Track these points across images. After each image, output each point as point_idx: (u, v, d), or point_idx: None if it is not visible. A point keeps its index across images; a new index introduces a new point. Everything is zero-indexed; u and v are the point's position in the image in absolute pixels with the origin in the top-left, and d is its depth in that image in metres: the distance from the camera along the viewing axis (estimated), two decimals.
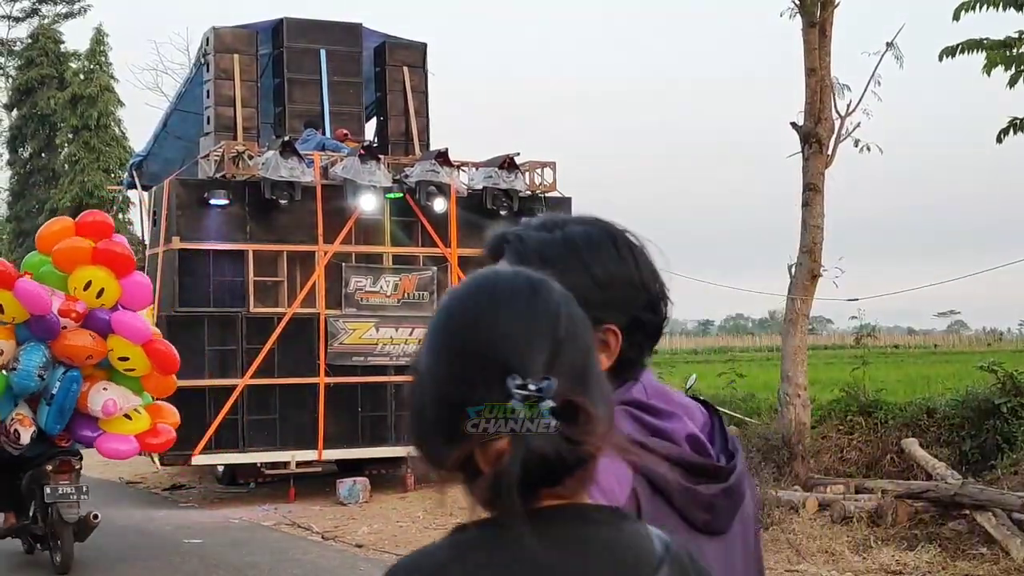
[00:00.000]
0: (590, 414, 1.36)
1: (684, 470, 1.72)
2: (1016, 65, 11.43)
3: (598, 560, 1.36)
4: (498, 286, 1.44)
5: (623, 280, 1.81)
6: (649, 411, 1.77)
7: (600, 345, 1.70)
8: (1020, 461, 12.53)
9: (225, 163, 15.15)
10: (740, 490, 1.83)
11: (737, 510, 1.84)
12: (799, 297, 15.04)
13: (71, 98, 44.83)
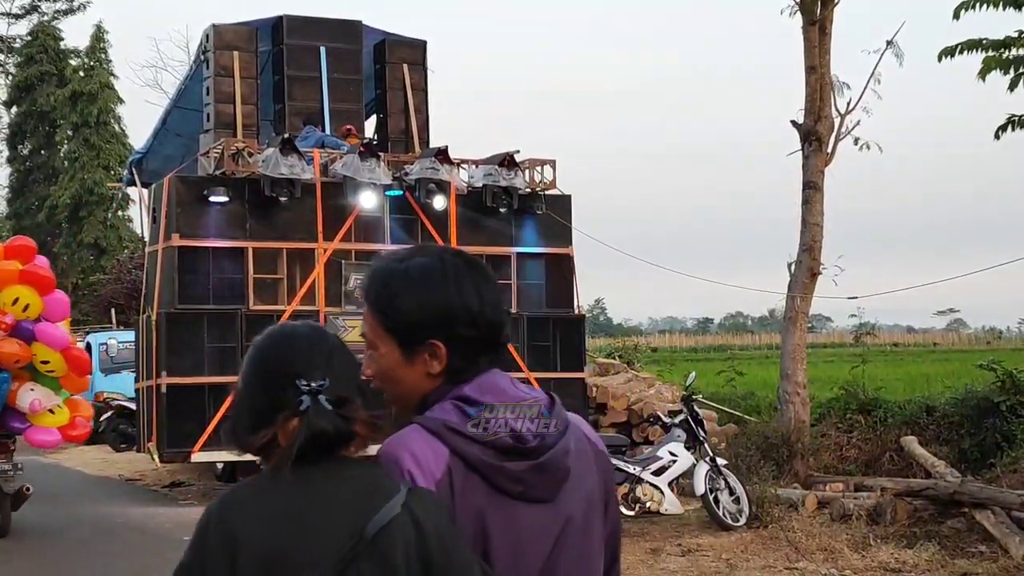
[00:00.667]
0: (354, 403, 2.15)
1: (495, 450, 2.18)
2: (1014, 68, 11.43)
3: (344, 486, 2.12)
4: (289, 331, 2.25)
5: (444, 304, 2.23)
6: (472, 403, 2.22)
7: (427, 356, 2.24)
8: (1019, 459, 12.55)
9: (225, 160, 15.14)
10: (559, 467, 2.23)
11: (558, 484, 2.23)
12: (799, 295, 15.05)
13: (71, 95, 44.84)
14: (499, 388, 2.30)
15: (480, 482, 2.17)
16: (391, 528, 2.05)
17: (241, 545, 2.08)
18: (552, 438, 2.26)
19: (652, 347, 38.62)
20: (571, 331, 16.91)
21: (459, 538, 2.11)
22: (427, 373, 2.26)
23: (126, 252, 39.25)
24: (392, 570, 2.04)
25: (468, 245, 16.22)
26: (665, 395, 17.40)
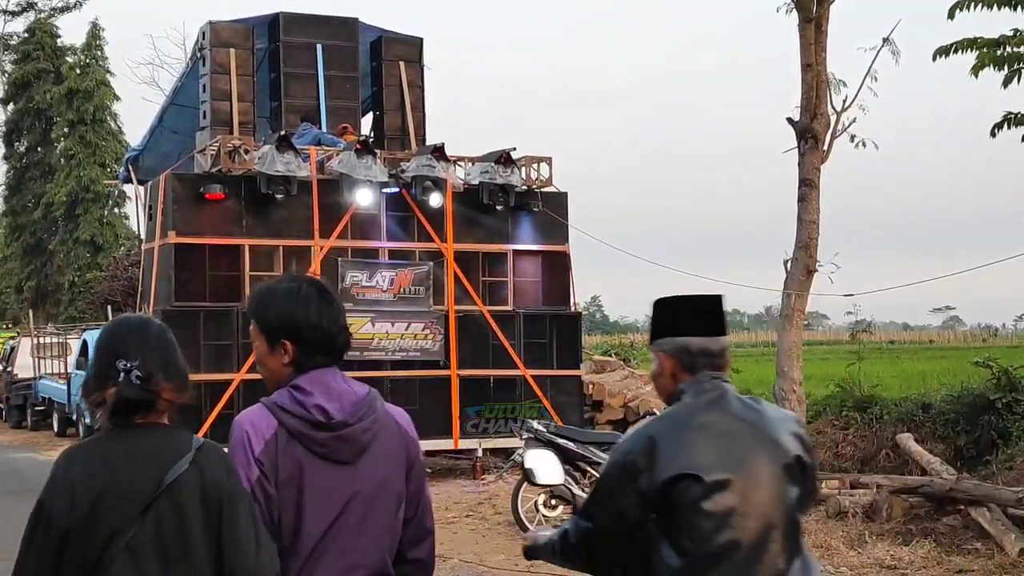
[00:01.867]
0: (156, 378, 2.97)
1: (308, 423, 3.10)
2: (1008, 65, 11.45)
3: (151, 443, 2.96)
4: (122, 321, 3.10)
5: (292, 315, 3.20)
6: (300, 391, 3.15)
7: (281, 351, 3.20)
8: (1015, 456, 12.56)
9: (221, 157, 15.14)
10: (358, 440, 3.14)
11: (357, 452, 3.14)
12: (795, 293, 15.05)
13: (67, 92, 44.79)
14: (325, 382, 3.19)
15: (298, 444, 3.11)
16: (182, 478, 2.90)
17: (77, 487, 2.80)
18: (355, 419, 3.16)
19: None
20: (567, 328, 16.93)
21: (235, 482, 2.98)
22: (282, 363, 3.21)
23: (122, 249, 39.24)
24: (183, 510, 2.87)
25: (464, 242, 16.25)
26: None
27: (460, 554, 10.91)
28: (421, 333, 15.92)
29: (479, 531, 12.15)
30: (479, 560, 10.65)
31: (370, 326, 15.63)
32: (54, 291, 45.98)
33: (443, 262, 16.17)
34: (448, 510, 13.49)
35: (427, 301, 16.05)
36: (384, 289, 15.84)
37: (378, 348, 15.66)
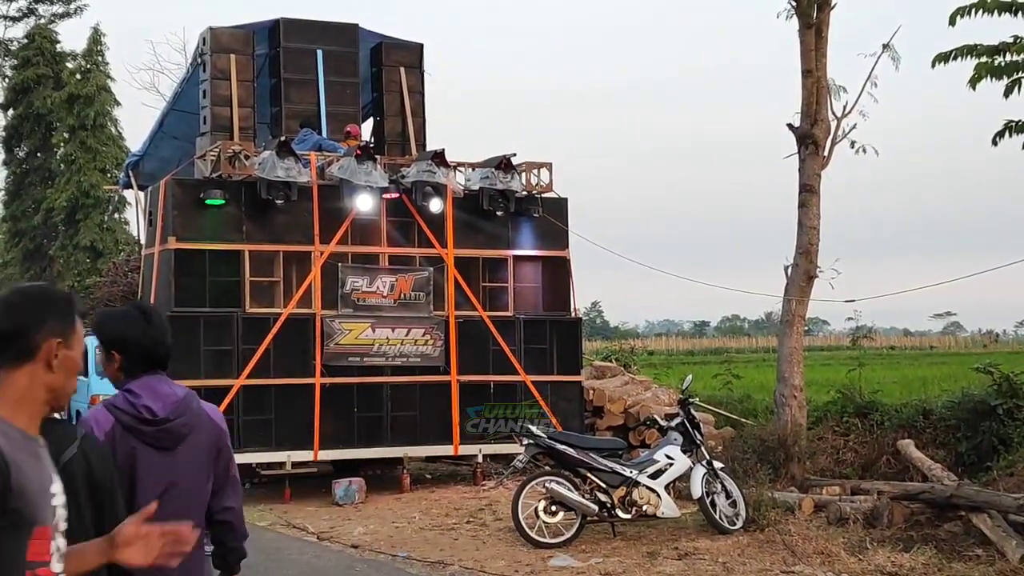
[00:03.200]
0: None
1: (137, 419, 4.11)
2: (1007, 75, 11.44)
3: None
4: None
5: (120, 333, 4.20)
6: (132, 394, 4.17)
7: (112, 361, 4.20)
8: (1016, 462, 12.55)
9: (221, 163, 15.13)
10: (177, 432, 4.20)
11: (176, 441, 4.20)
12: (795, 298, 15.05)
13: (67, 98, 44.77)
14: (151, 386, 4.25)
15: (131, 436, 4.13)
16: (72, 460, 3.45)
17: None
18: (175, 416, 4.21)
19: (649, 350, 38.66)
20: (567, 334, 16.91)
21: (111, 470, 3.63)
22: (115, 369, 4.24)
23: (122, 255, 39.16)
24: (74, 486, 3.32)
25: (464, 248, 16.24)
26: (662, 398, 17.39)
27: (460, 560, 10.90)
28: (421, 339, 15.90)
29: (479, 537, 12.13)
30: (479, 566, 10.63)
31: (370, 331, 15.62)
32: None
33: (443, 267, 16.16)
34: (448, 516, 13.48)
35: (427, 307, 16.04)
36: (384, 295, 15.83)
37: (378, 354, 15.64)
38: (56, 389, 3.05)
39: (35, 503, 2.92)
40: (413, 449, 15.89)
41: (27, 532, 2.90)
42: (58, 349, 3.03)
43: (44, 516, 2.95)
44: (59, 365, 3.03)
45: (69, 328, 3.07)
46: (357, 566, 10.96)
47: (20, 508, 2.87)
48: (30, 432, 3.01)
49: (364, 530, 12.74)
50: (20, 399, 3.00)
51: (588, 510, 11.44)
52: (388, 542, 12.01)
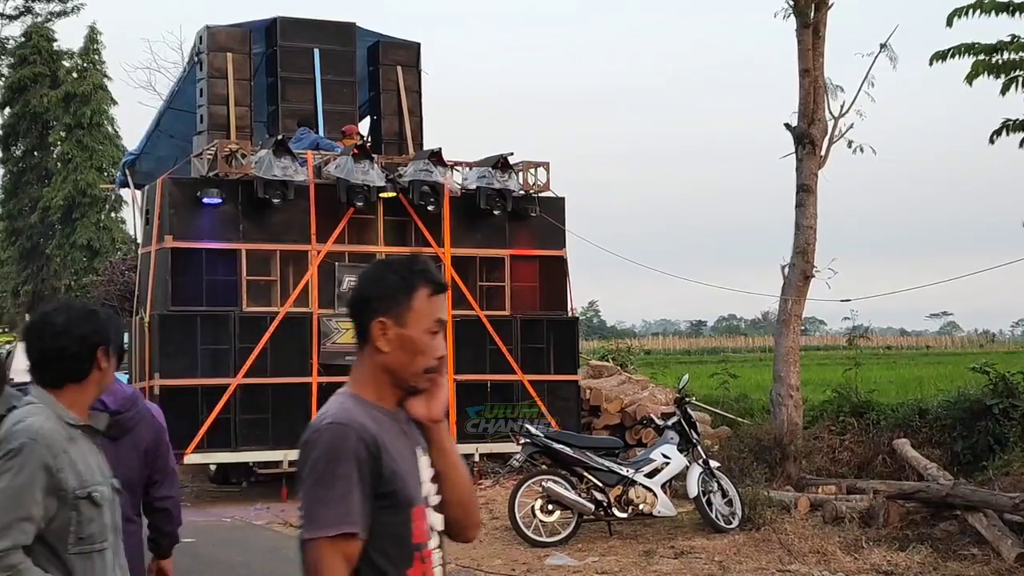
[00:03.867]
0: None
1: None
2: (1004, 73, 11.46)
3: None
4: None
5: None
6: None
7: None
8: (1012, 462, 12.57)
9: (218, 162, 15.12)
10: (125, 424, 4.66)
11: (123, 432, 4.65)
12: (792, 298, 15.06)
13: (64, 96, 44.74)
14: None
15: None
16: None
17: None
18: (124, 410, 4.68)
19: (645, 349, 38.65)
20: (564, 333, 16.92)
21: None
22: None
23: (119, 254, 39.15)
24: None
25: (462, 247, 16.24)
26: (658, 397, 17.39)
27: (457, 559, 10.90)
28: None
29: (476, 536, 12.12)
30: (476, 565, 10.65)
31: None
32: (51, 295, 45.89)
33: (440, 267, 16.16)
34: None
35: None
36: None
37: None
38: (393, 369, 2.92)
39: (407, 484, 2.88)
40: None
41: (406, 513, 2.87)
42: (387, 329, 2.91)
43: (418, 496, 2.91)
44: (389, 344, 2.91)
45: (402, 305, 2.91)
46: None
47: (395, 490, 2.83)
48: (396, 412, 2.95)
49: None
50: (368, 379, 2.94)
51: (585, 509, 11.45)
52: None
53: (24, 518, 3.35)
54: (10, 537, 3.32)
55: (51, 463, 3.41)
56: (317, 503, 2.77)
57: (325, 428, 2.82)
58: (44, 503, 3.38)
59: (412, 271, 2.95)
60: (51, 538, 3.43)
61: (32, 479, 3.37)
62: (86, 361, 3.59)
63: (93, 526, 3.51)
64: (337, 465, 2.77)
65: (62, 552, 3.45)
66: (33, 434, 3.41)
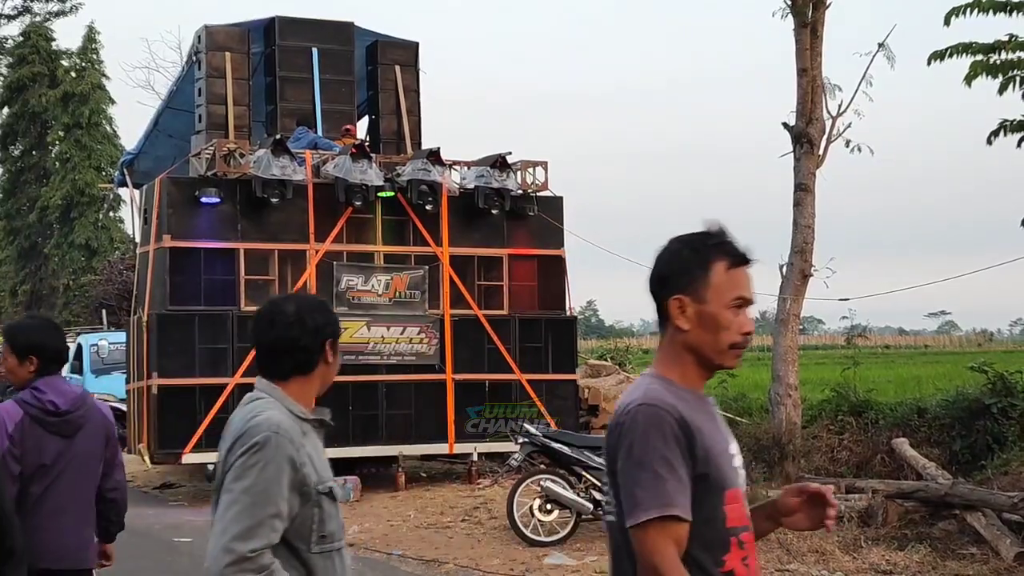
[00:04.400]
0: None
1: (43, 411, 4.96)
2: (1002, 73, 11.45)
3: None
4: None
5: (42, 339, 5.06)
6: (38, 391, 4.98)
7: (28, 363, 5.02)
8: (1010, 461, 12.56)
9: (216, 161, 15.11)
10: (75, 423, 5.03)
11: (76, 430, 5.04)
12: (790, 297, 15.05)
13: (62, 96, 44.74)
14: (55, 384, 5.07)
15: (37, 425, 4.97)
16: None
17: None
18: (74, 409, 5.06)
19: (644, 349, 38.63)
20: (563, 333, 16.92)
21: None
22: (30, 371, 5.03)
23: (117, 253, 39.18)
24: None
25: (460, 247, 16.24)
26: None
27: (456, 559, 10.91)
28: (416, 337, 15.90)
29: (475, 535, 12.14)
30: (475, 564, 10.64)
31: (365, 330, 15.61)
32: (49, 295, 45.91)
33: (439, 266, 16.15)
34: (443, 514, 13.48)
35: (422, 305, 16.04)
36: (379, 293, 15.83)
37: (373, 352, 15.64)
38: (696, 347, 2.86)
39: (720, 466, 2.80)
40: (408, 448, 15.89)
41: (719, 496, 2.80)
42: (684, 306, 2.85)
43: (731, 478, 2.85)
44: (689, 322, 2.85)
45: (699, 280, 2.84)
46: (352, 564, 10.94)
47: (708, 472, 2.76)
48: (699, 390, 2.88)
49: (359, 528, 12.74)
50: (672, 359, 2.88)
51: (583, 508, 11.44)
52: (383, 540, 12.01)
53: (274, 515, 3.18)
54: (261, 536, 3.16)
55: (295, 457, 3.25)
56: (638, 486, 2.69)
57: (636, 410, 2.74)
58: (289, 500, 3.23)
59: (707, 244, 2.86)
60: (293, 537, 3.26)
61: (278, 474, 3.21)
62: (316, 353, 3.43)
63: (333, 523, 3.37)
64: (655, 446, 2.69)
65: (304, 552, 3.28)
66: (275, 427, 3.26)
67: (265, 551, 3.16)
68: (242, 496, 3.19)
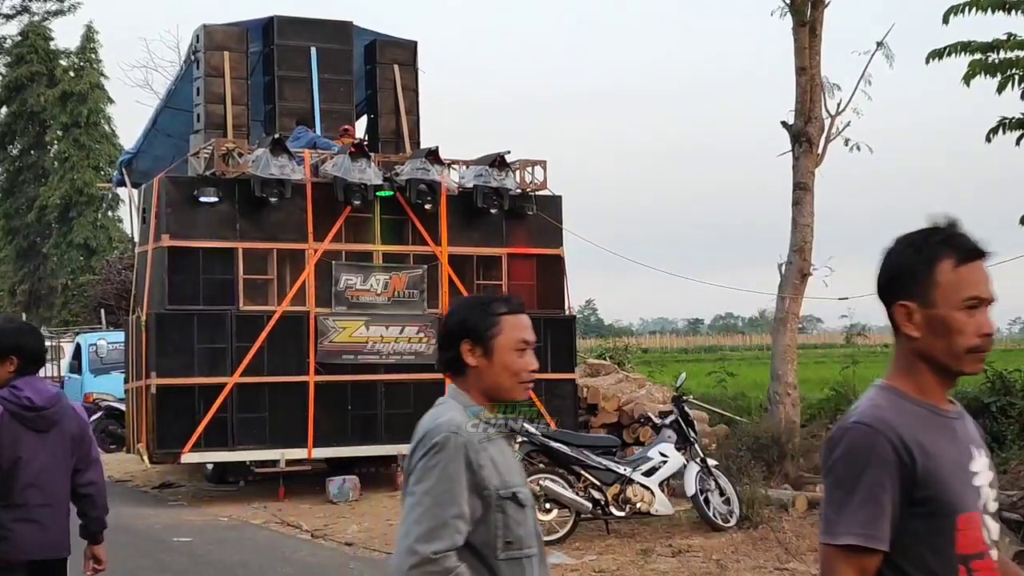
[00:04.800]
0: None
1: (21, 407, 5.27)
2: (1000, 72, 11.47)
3: None
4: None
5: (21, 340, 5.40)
6: (17, 389, 5.30)
7: (8, 363, 5.34)
8: (1009, 460, 12.58)
9: (215, 161, 15.10)
10: (50, 419, 5.34)
11: (50, 426, 5.35)
12: (789, 296, 15.07)
13: (61, 95, 44.76)
14: (32, 383, 5.36)
15: (15, 421, 5.27)
16: None
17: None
18: (50, 406, 5.35)
19: (643, 348, 38.65)
20: (562, 332, 16.90)
21: None
22: (10, 371, 5.33)
23: (116, 252, 39.20)
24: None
25: (458, 246, 16.23)
26: (656, 396, 17.40)
27: None
28: (415, 337, 15.89)
29: None
30: None
31: (364, 329, 15.60)
32: (47, 294, 45.92)
33: (437, 265, 16.15)
34: None
35: (421, 304, 16.03)
36: (378, 292, 15.82)
37: (372, 352, 15.64)
38: (929, 355, 2.65)
39: (950, 488, 2.60)
40: (407, 447, 15.74)
41: (947, 521, 2.59)
42: (911, 312, 2.66)
43: (965, 501, 2.62)
44: (918, 329, 2.65)
45: (924, 283, 2.64)
46: (351, 564, 10.95)
47: (931, 495, 2.57)
48: (941, 406, 2.69)
49: (358, 528, 12.74)
50: (905, 369, 2.69)
51: (582, 507, 11.44)
52: (382, 540, 12.00)
53: (456, 515, 3.13)
54: (445, 538, 3.10)
55: (473, 459, 3.22)
56: (833, 506, 2.60)
57: (851, 427, 2.62)
58: (471, 502, 3.18)
59: (930, 241, 2.66)
60: (478, 543, 3.18)
61: (459, 474, 3.18)
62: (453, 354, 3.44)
63: (520, 529, 3.27)
64: (859, 470, 2.56)
65: (490, 558, 3.20)
66: (454, 428, 3.27)
67: (450, 553, 3.10)
68: (424, 498, 3.16)
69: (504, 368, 3.45)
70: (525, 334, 3.37)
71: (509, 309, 3.38)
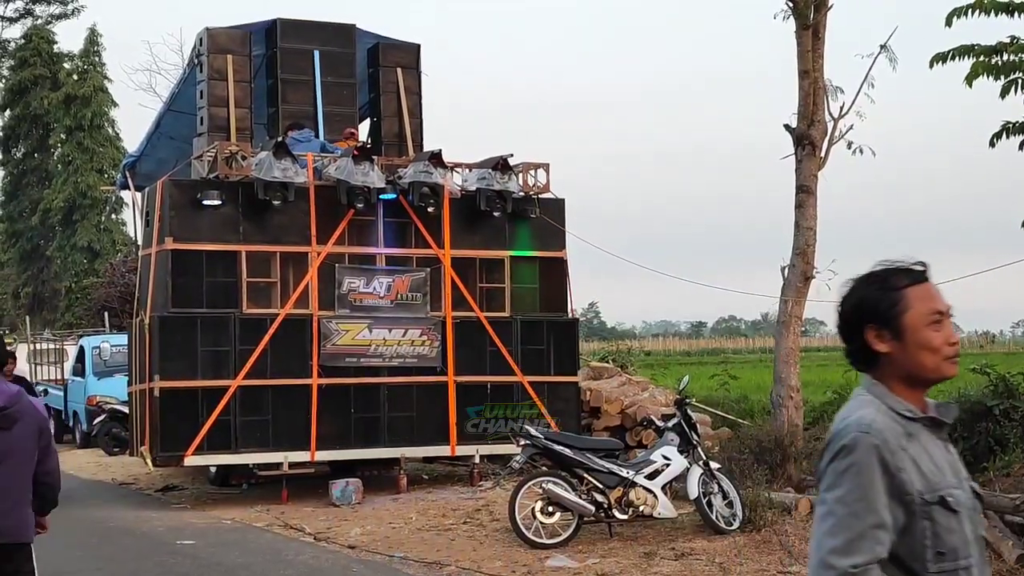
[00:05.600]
0: None
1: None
2: (1004, 75, 11.46)
3: None
4: None
5: None
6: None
7: None
8: (1012, 463, 12.56)
9: (218, 164, 15.12)
10: (12, 417, 5.68)
11: (13, 423, 5.70)
12: (792, 299, 15.05)
13: (64, 98, 44.81)
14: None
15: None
16: None
17: None
18: (11, 405, 5.68)
19: (646, 351, 38.70)
20: (564, 335, 16.91)
21: None
22: None
23: (119, 255, 39.19)
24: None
25: (462, 248, 16.25)
26: (658, 399, 17.40)
27: (457, 561, 10.90)
28: (418, 339, 15.90)
29: (476, 538, 12.13)
30: (476, 567, 10.64)
31: (367, 332, 15.61)
32: (51, 297, 45.97)
33: (440, 268, 16.15)
34: (445, 517, 13.47)
35: (424, 307, 16.04)
36: (381, 295, 15.83)
37: (375, 354, 15.64)
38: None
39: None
40: (410, 450, 15.89)
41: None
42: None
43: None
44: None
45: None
46: (354, 567, 10.96)
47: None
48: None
49: (361, 531, 12.74)
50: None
51: (585, 511, 11.44)
52: (385, 543, 12.01)
53: (876, 525, 2.85)
54: (864, 551, 2.83)
55: (889, 460, 2.89)
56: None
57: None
58: (891, 508, 2.88)
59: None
60: (905, 555, 2.90)
61: (874, 479, 2.88)
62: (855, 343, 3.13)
63: (953, 538, 2.93)
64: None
65: (920, 572, 2.91)
66: (865, 427, 2.92)
67: (871, 567, 2.85)
68: (836, 506, 2.90)
69: (921, 347, 3.01)
70: (936, 304, 3.01)
71: (912, 279, 3.03)
